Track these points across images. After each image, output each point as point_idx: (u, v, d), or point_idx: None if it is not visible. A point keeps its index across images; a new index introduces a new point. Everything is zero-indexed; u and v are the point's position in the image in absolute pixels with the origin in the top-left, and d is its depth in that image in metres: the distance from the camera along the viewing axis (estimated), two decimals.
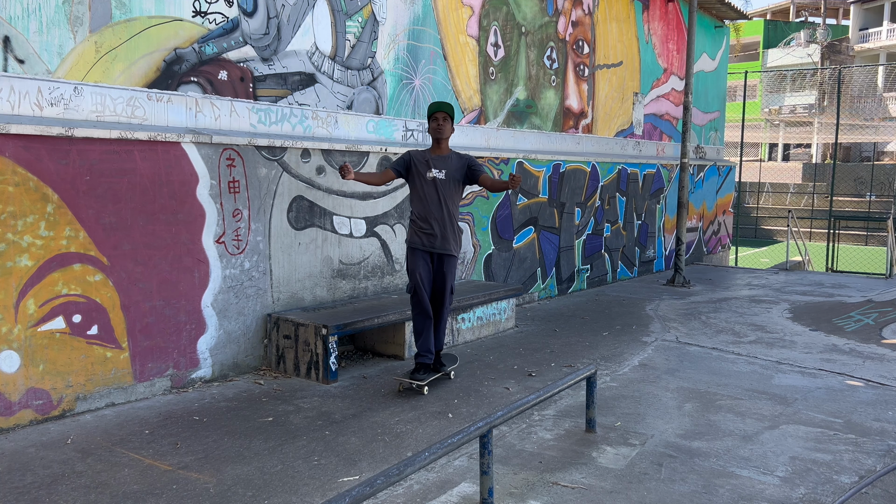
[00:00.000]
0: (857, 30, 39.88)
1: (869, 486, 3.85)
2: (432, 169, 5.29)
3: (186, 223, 5.27)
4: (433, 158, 5.35)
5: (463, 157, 5.43)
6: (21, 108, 4.42)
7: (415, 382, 5.23)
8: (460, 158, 5.42)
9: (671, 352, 6.68)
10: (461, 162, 5.39)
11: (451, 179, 5.32)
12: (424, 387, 5.26)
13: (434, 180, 5.28)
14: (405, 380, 5.28)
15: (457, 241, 5.39)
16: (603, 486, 3.80)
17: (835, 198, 20.52)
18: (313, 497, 3.62)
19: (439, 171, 5.29)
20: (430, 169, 5.30)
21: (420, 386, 5.25)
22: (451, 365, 5.70)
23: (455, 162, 5.37)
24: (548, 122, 9.31)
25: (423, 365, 5.34)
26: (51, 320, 4.58)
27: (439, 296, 5.38)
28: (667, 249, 12.47)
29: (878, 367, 6.27)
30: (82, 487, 3.68)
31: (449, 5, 7.62)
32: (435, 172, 5.28)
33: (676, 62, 12.36)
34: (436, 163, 5.33)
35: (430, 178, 5.28)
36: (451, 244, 5.33)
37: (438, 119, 5.32)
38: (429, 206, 5.28)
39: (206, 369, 5.47)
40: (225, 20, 5.50)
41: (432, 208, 5.28)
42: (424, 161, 5.35)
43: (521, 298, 8.80)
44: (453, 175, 5.33)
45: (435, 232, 5.27)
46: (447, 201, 5.30)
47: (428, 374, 5.34)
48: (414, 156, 5.39)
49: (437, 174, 5.28)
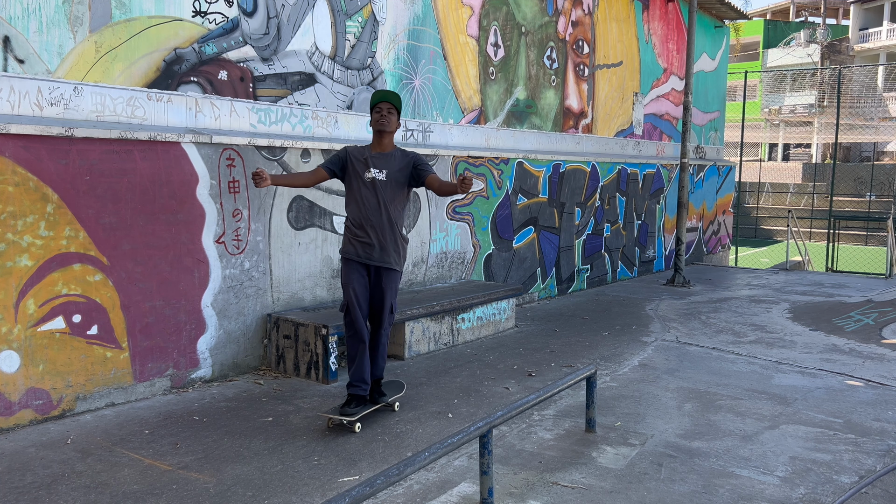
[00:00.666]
0: (857, 30, 39.88)
1: (869, 486, 3.85)
2: (371, 168, 4.60)
3: (186, 223, 5.27)
4: (373, 156, 4.65)
5: (408, 155, 4.75)
6: (21, 108, 4.42)
7: (345, 419, 4.44)
8: (405, 156, 4.73)
9: (671, 352, 6.68)
10: (405, 160, 4.70)
11: (392, 181, 4.62)
12: (356, 423, 4.48)
13: (373, 181, 4.59)
14: (334, 416, 4.48)
15: (399, 252, 4.69)
16: (603, 486, 3.80)
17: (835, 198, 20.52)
18: (313, 497, 3.62)
19: (379, 170, 4.61)
20: (368, 168, 4.61)
21: (351, 422, 4.48)
22: (395, 394, 4.91)
23: (398, 161, 4.68)
24: (548, 121, 9.31)
25: (355, 397, 4.58)
26: (51, 320, 4.58)
27: (376, 316, 4.71)
28: (667, 249, 12.47)
29: (878, 367, 6.27)
30: (82, 487, 3.68)
31: (449, 5, 7.62)
32: (374, 172, 4.60)
33: (676, 62, 12.36)
34: (376, 161, 4.63)
35: (369, 178, 4.59)
36: (391, 256, 4.64)
37: (382, 110, 4.62)
38: (366, 212, 4.59)
39: (206, 369, 5.47)
40: (225, 20, 5.50)
41: (370, 213, 4.59)
42: (363, 159, 4.65)
43: (521, 298, 8.80)
44: (395, 176, 4.63)
45: (372, 241, 4.59)
46: (388, 206, 4.61)
47: (361, 408, 4.57)
48: (351, 152, 4.71)
49: (376, 174, 4.59)
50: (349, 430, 4.50)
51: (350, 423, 4.49)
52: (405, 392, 5.27)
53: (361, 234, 4.61)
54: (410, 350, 6.28)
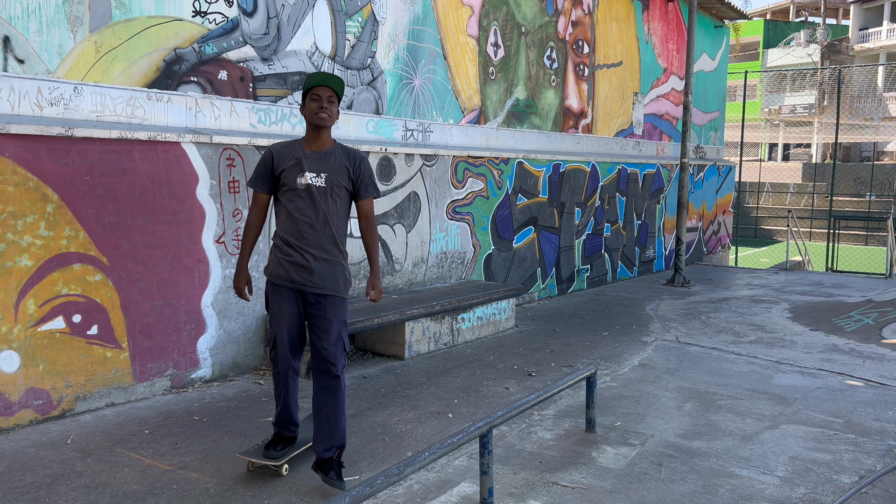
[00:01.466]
0: (857, 30, 39.87)
1: (869, 486, 3.85)
2: (306, 172, 3.68)
3: (186, 223, 5.27)
4: (307, 157, 3.71)
5: (353, 156, 3.80)
6: (21, 108, 4.42)
7: (270, 463, 3.78)
8: (349, 157, 3.79)
9: (671, 352, 6.68)
10: (350, 161, 3.78)
11: (333, 186, 3.72)
12: (283, 466, 3.82)
13: (308, 188, 3.67)
14: (256, 460, 3.82)
15: (345, 275, 3.78)
16: (603, 485, 3.80)
17: (835, 198, 20.51)
18: (313, 497, 3.62)
19: (317, 174, 3.69)
20: (302, 172, 3.68)
21: (276, 467, 3.80)
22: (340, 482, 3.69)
23: (339, 160, 3.75)
24: (548, 121, 9.31)
25: (282, 438, 3.90)
26: (51, 320, 4.58)
27: (319, 356, 3.73)
28: (667, 249, 12.47)
29: (878, 367, 6.27)
30: (82, 487, 3.68)
31: (449, 5, 7.62)
32: (310, 177, 3.68)
33: (676, 62, 12.36)
34: (311, 163, 3.70)
35: (303, 185, 3.67)
36: (335, 280, 3.73)
37: (322, 98, 3.67)
38: (299, 226, 3.68)
39: (206, 369, 5.47)
40: (225, 20, 5.50)
41: (305, 229, 3.67)
42: (294, 160, 3.71)
43: (521, 298, 8.79)
44: (336, 180, 3.72)
45: (309, 264, 3.68)
46: (329, 218, 3.71)
47: (288, 449, 3.89)
48: (278, 154, 3.74)
49: (312, 179, 3.68)
50: (349, 429, 4.46)
51: (276, 468, 3.83)
52: (395, 393, 5.27)
53: (295, 254, 3.68)
54: (410, 350, 6.28)
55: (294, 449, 3.93)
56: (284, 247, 3.72)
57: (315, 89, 3.67)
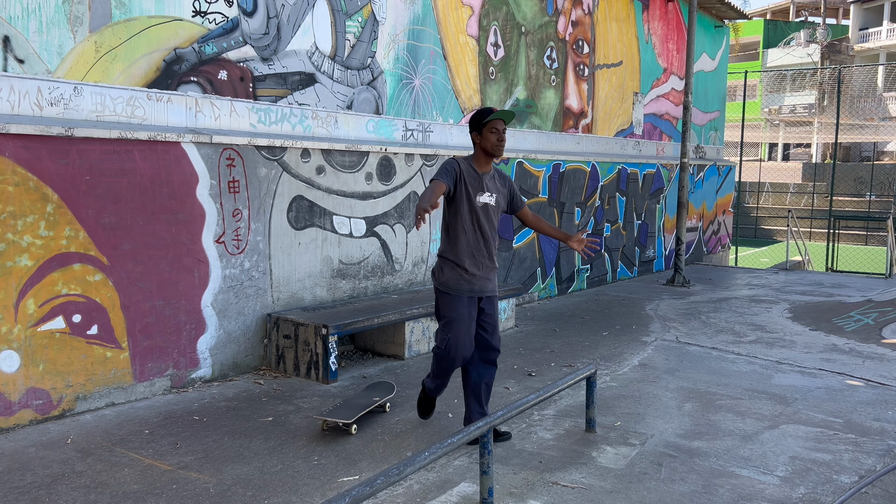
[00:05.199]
0: (857, 30, 39.88)
1: (869, 486, 3.85)
2: (485, 192, 4.19)
3: (186, 223, 5.27)
4: (483, 176, 4.21)
5: (505, 178, 4.40)
6: (21, 108, 4.42)
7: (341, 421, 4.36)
8: (503, 179, 4.39)
9: (671, 351, 6.68)
10: (505, 184, 4.38)
11: (499, 207, 4.32)
12: (352, 425, 4.46)
13: (486, 207, 4.21)
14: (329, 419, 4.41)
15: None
16: (603, 485, 3.80)
17: (835, 198, 20.52)
18: (313, 497, 3.62)
19: (491, 194, 4.22)
20: (482, 191, 4.18)
21: (347, 425, 4.43)
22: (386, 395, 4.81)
23: (499, 183, 4.35)
24: (548, 121, 9.31)
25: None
26: (51, 320, 4.58)
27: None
28: (667, 249, 12.47)
29: (878, 367, 6.27)
30: (82, 487, 3.68)
31: (449, 5, 7.62)
32: (486, 197, 4.19)
33: (676, 62, 12.36)
34: (489, 184, 4.23)
35: (481, 203, 4.18)
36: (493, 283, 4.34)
37: (500, 131, 4.17)
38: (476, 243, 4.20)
39: (206, 369, 5.47)
40: (225, 20, 5.50)
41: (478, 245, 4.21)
42: (475, 179, 4.18)
43: (521, 298, 8.79)
44: (500, 201, 4.32)
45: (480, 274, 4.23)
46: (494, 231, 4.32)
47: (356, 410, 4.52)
48: (464, 169, 4.16)
49: (489, 199, 4.21)
50: (346, 431, 4.50)
51: (346, 426, 4.44)
52: (395, 393, 5.28)
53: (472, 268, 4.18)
54: (410, 350, 6.28)
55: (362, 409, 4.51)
56: (462, 264, 4.16)
57: (494, 122, 4.13)
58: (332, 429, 4.53)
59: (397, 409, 4.95)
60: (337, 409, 4.58)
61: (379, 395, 4.88)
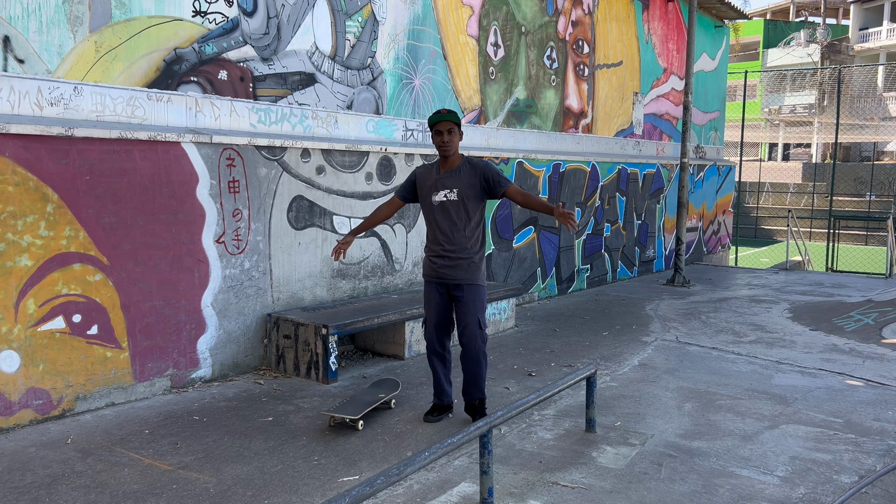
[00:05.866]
0: (857, 29, 39.87)
1: (869, 486, 3.85)
2: (439, 191, 4.70)
3: (186, 223, 5.27)
4: (441, 177, 4.71)
5: (477, 168, 4.67)
6: (21, 108, 4.42)
7: (348, 417, 4.47)
8: (474, 170, 4.67)
9: (671, 351, 6.68)
10: (475, 175, 4.66)
11: (464, 198, 4.67)
12: (359, 421, 4.54)
13: (442, 204, 4.71)
14: (336, 415, 4.51)
15: (479, 266, 4.73)
16: (603, 485, 3.80)
17: (835, 198, 20.51)
18: (313, 497, 3.62)
19: (449, 189, 4.68)
20: (436, 191, 4.70)
21: (354, 421, 4.52)
22: (391, 392, 4.95)
23: (467, 176, 4.66)
24: (548, 121, 9.31)
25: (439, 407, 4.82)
26: (51, 320, 4.58)
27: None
28: (667, 249, 12.47)
29: (878, 367, 6.27)
30: (82, 487, 3.68)
31: (449, 5, 7.62)
32: (442, 194, 4.68)
33: (676, 62, 12.36)
34: (445, 182, 4.70)
35: (437, 202, 4.68)
36: (467, 272, 4.64)
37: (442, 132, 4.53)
38: (436, 234, 4.71)
39: (206, 369, 5.47)
40: (225, 20, 5.50)
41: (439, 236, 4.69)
42: (431, 182, 4.71)
43: (521, 298, 8.79)
44: (466, 193, 4.65)
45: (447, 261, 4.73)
46: (460, 224, 4.68)
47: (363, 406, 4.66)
48: (419, 176, 4.75)
49: (447, 195, 4.68)
50: (350, 429, 4.50)
51: (353, 422, 4.51)
52: (400, 391, 5.27)
53: (434, 257, 4.63)
54: (410, 350, 6.28)
55: (366, 408, 4.61)
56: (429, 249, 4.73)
57: (436, 125, 4.49)
58: (340, 424, 4.56)
59: (398, 408, 4.95)
60: (344, 406, 4.63)
61: (385, 392, 4.92)
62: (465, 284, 4.57)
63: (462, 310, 4.58)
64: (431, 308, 4.68)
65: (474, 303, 4.58)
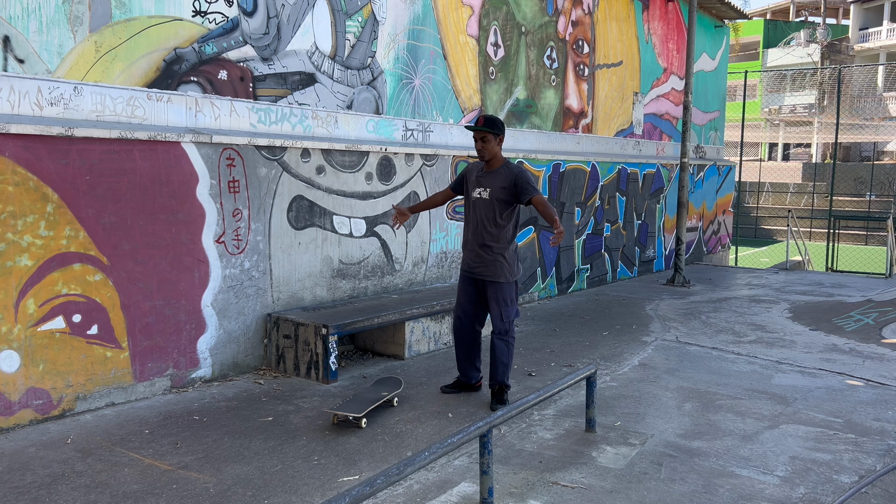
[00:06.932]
0: (857, 29, 39.86)
1: (869, 486, 3.85)
2: (478, 187, 5.14)
3: (186, 223, 5.27)
4: (481, 175, 5.15)
5: (512, 173, 5.02)
6: (21, 108, 4.42)
7: (351, 415, 4.51)
8: (509, 174, 5.03)
9: (671, 351, 6.68)
10: (508, 179, 5.01)
11: (495, 199, 5.05)
12: (362, 419, 4.58)
13: (476, 201, 5.16)
14: (339, 412, 4.55)
15: (506, 264, 5.09)
16: (603, 485, 3.80)
17: (835, 198, 20.50)
18: (313, 497, 3.62)
19: (484, 188, 5.09)
20: (476, 187, 5.16)
21: (357, 419, 4.56)
22: (394, 390, 5.05)
23: (502, 179, 5.04)
24: (548, 121, 9.31)
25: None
26: (51, 320, 4.58)
27: None
28: (667, 249, 12.47)
29: (878, 367, 6.27)
30: (82, 487, 3.68)
31: (449, 5, 7.62)
32: (479, 191, 5.11)
33: (676, 62, 12.35)
34: (482, 180, 5.12)
35: (475, 198, 5.14)
36: (494, 269, 5.05)
37: (477, 140, 5.01)
38: (468, 229, 5.18)
39: (206, 369, 5.47)
40: (225, 20, 5.50)
41: (470, 231, 5.15)
42: (474, 178, 5.18)
43: (521, 298, 8.78)
44: (498, 194, 5.03)
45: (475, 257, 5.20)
46: (486, 222, 5.11)
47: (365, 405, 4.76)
48: (468, 171, 5.21)
49: (481, 192, 5.10)
50: (350, 429, 4.50)
51: (356, 419, 4.57)
52: (403, 389, 5.27)
53: (466, 250, 5.08)
54: (410, 350, 6.28)
55: (368, 406, 4.67)
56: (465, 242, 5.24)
57: (475, 133, 4.92)
58: (341, 423, 4.59)
59: (398, 408, 4.95)
60: (347, 404, 4.66)
61: (388, 390, 4.95)
62: (490, 281, 4.97)
63: (488, 304, 5.04)
64: (461, 293, 5.16)
65: (496, 299, 4.99)
